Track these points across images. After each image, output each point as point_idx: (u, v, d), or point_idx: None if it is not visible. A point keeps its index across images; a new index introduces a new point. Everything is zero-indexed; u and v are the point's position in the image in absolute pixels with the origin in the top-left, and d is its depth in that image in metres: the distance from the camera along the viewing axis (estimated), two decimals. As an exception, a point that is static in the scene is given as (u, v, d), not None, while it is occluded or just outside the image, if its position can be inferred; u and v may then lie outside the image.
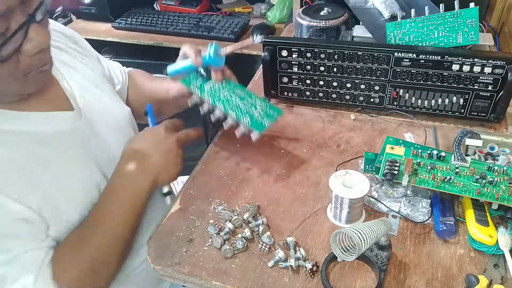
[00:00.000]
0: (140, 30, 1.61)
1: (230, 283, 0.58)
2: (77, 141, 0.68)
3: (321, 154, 0.81)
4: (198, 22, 1.60)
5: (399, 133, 0.85)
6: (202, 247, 0.63)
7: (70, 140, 0.67)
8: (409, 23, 0.84)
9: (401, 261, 0.60)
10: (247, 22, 1.60)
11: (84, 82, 0.75)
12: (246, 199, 0.71)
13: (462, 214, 0.65)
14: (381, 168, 0.68)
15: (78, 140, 0.68)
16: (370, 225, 0.57)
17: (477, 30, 0.82)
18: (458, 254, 0.61)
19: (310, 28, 1.00)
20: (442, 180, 0.65)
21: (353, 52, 0.84)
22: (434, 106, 0.85)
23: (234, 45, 0.79)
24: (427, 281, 0.58)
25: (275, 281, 0.58)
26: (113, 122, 0.78)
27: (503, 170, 0.65)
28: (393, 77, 0.84)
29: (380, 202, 0.68)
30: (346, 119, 0.90)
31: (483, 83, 0.80)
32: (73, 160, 0.66)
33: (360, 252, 0.56)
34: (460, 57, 0.78)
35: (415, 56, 0.80)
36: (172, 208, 0.70)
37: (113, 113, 0.79)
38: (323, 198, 0.71)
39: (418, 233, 0.64)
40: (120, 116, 0.81)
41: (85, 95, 0.72)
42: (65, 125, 0.66)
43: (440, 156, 0.68)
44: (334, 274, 0.59)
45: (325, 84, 0.90)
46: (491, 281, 0.56)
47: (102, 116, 0.74)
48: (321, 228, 0.66)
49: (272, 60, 0.89)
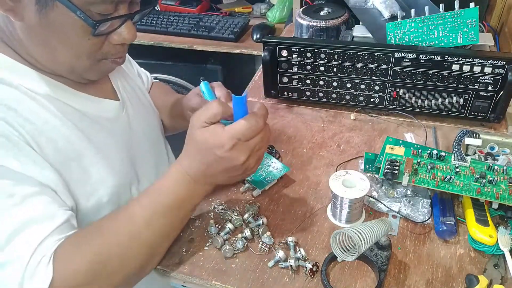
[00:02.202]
0: (140, 30, 1.61)
1: (230, 283, 0.58)
2: (118, 130, 0.72)
3: (321, 154, 0.81)
4: (198, 22, 1.60)
5: (399, 133, 0.85)
6: (202, 247, 0.63)
7: (112, 126, 0.71)
8: (409, 23, 0.84)
9: (401, 261, 0.60)
10: (247, 22, 1.60)
11: (123, 79, 0.79)
12: (246, 199, 0.71)
13: (462, 214, 0.65)
14: (381, 168, 0.68)
15: (118, 128, 0.72)
16: (370, 225, 0.57)
17: (477, 30, 0.82)
18: (458, 254, 0.61)
19: (310, 28, 1.00)
20: (442, 180, 0.65)
21: (353, 52, 0.84)
22: (434, 106, 0.85)
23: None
24: (427, 281, 0.58)
25: (275, 281, 0.58)
26: (146, 121, 0.82)
27: (503, 170, 0.65)
28: (393, 77, 0.84)
29: (380, 202, 0.68)
30: (346, 119, 0.90)
31: (483, 83, 0.80)
32: (112, 146, 0.69)
33: (360, 252, 0.56)
34: (460, 57, 0.78)
35: (415, 56, 0.80)
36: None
37: (146, 113, 0.83)
38: (323, 198, 0.71)
39: (418, 233, 0.64)
40: (151, 117, 0.85)
41: (125, 91, 0.78)
42: (110, 112, 0.72)
43: (440, 156, 0.68)
44: (334, 274, 0.59)
45: (325, 84, 0.90)
46: (491, 281, 0.56)
47: (137, 114, 0.78)
48: (321, 228, 0.66)
49: (272, 60, 0.89)
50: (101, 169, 0.66)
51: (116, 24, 0.59)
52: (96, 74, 0.66)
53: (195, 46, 1.52)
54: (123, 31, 0.60)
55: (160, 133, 0.89)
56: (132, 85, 0.82)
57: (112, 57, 0.63)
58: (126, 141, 0.73)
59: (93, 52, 0.60)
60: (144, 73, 0.95)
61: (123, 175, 0.71)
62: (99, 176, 0.66)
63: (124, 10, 0.59)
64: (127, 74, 0.83)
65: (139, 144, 0.77)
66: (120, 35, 0.60)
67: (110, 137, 0.70)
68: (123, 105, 0.75)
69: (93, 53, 0.61)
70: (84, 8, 0.54)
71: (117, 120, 0.73)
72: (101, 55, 0.62)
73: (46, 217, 0.54)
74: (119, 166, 0.70)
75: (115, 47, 0.62)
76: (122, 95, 0.76)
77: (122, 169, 0.71)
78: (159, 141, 0.88)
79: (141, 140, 0.78)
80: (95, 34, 0.57)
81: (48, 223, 0.54)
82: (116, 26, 0.59)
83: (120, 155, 0.71)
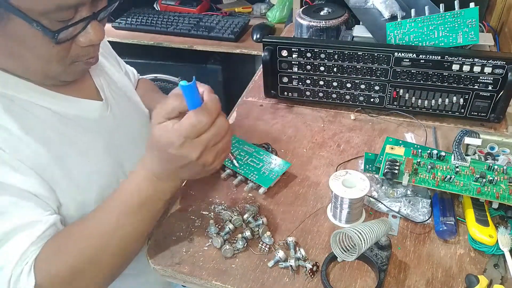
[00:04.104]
0: (140, 30, 1.61)
1: (230, 283, 0.58)
2: (103, 130, 0.71)
3: (321, 154, 0.81)
4: (198, 22, 1.60)
5: (399, 133, 0.85)
6: (202, 247, 0.63)
7: (97, 127, 0.70)
8: (409, 23, 0.84)
9: (401, 261, 0.60)
10: (247, 22, 1.60)
11: (108, 78, 0.78)
12: (246, 199, 0.71)
13: (462, 214, 0.65)
14: (381, 168, 0.68)
15: (103, 129, 0.71)
16: (370, 225, 0.57)
17: (477, 30, 0.82)
18: (458, 254, 0.61)
19: (310, 28, 1.00)
20: (442, 180, 0.65)
21: (353, 52, 0.84)
22: (434, 106, 0.85)
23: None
24: (427, 281, 0.58)
25: (275, 281, 0.58)
26: (135, 121, 0.81)
27: (503, 170, 0.65)
28: (393, 77, 0.84)
29: (380, 202, 0.68)
30: (346, 119, 0.90)
31: (483, 83, 0.80)
32: (96, 147, 0.69)
33: (360, 252, 0.56)
34: (460, 57, 0.78)
35: (415, 56, 0.80)
36: (172, 208, 0.70)
37: (134, 112, 0.82)
38: (323, 198, 0.71)
39: (418, 233, 0.64)
40: (140, 116, 0.84)
41: (110, 90, 0.76)
42: (93, 113, 0.70)
43: (440, 155, 0.68)
44: (334, 274, 0.59)
45: (325, 84, 0.90)
46: (491, 281, 0.56)
47: (124, 113, 0.77)
48: (321, 228, 0.66)
49: (272, 60, 0.89)
50: (85, 170, 0.65)
51: (80, 27, 0.57)
52: (71, 76, 0.64)
53: (195, 46, 1.52)
54: (89, 33, 0.58)
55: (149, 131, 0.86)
56: (119, 84, 0.81)
57: (83, 59, 0.62)
58: (112, 142, 0.72)
59: (62, 57, 0.59)
60: (130, 70, 0.94)
61: (109, 176, 0.70)
62: (83, 178, 0.65)
63: (86, 11, 0.56)
64: (113, 73, 0.81)
65: (127, 144, 0.75)
66: (87, 37, 0.58)
67: (94, 138, 0.68)
68: (107, 105, 0.73)
69: (62, 58, 0.59)
70: (42, 18, 0.52)
71: (102, 120, 0.71)
72: (71, 58, 0.60)
73: (29, 225, 0.55)
74: (105, 167, 0.69)
75: (84, 49, 0.60)
76: (106, 95, 0.74)
77: (108, 170, 0.70)
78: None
79: (129, 140, 0.77)
80: (57, 42, 0.55)
81: (32, 231, 0.55)
82: (80, 29, 0.57)
83: (106, 156, 0.70)
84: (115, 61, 0.87)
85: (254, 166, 0.75)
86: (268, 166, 0.75)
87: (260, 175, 0.73)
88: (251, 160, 0.76)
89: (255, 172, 0.73)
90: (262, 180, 0.72)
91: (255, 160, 0.76)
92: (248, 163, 0.75)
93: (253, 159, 0.76)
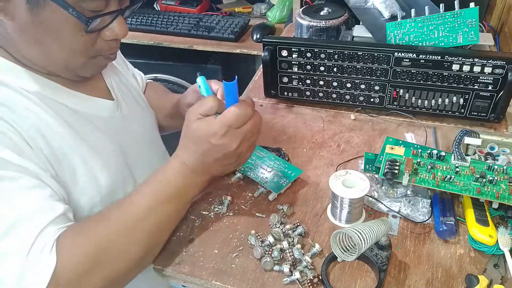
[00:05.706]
0: (140, 30, 1.61)
1: (230, 283, 0.58)
2: (112, 129, 0.72)
3: (321, 154, 0.81)
4: (198, 22, 1.60)
5: (399, 133, 0.85)
6: (202, 247, 0.63)
7: (107, 126, 0.71)
8: (409, 23, 0.84)
9: (401, 261, 0.60)
10: (247, 22, 1.60)
11: (117, 79, 0.80)
12: (246, 199, 0.71)
13: (462, 214, 0.65)
14: (381, 168, 0.68)
15: (112, 128, 0.72)
16: (370, 225, 0.57)
17: (477, 30, 0.82)
18: (458, 254, 0.61)
19: (310, 28, 1.00)
20: (442, 180, 0.65)
21: (353, 52, 0.84)
22: (434, 106, 0.85)
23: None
24: (427, 281, 0.58)
25: (275, 281, 0.58)
26: (142, 122, 0.82)
27: (503, 170, 0.65)
28: (393, 77, 0.84)
29: (380, 202, 0.68)
30: (346, 119, 0.90)
31: (483, 83, 0.80)
32: (105, 145, 0.69)
33: (360, 252, 0.56)
34: (460, 57, 0.78)
35: (415, 56, 0.80)
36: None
37: (141, 113, 0.83)
38: (323, 198, 0.71)
39: (418, 233, 0.64)
40: (147, 117, 0.85)
41: (120, 91, 0.78)
42: (105, 111, 0.72)
43: (440, 155, 0.68)
44: (334, 274, 0.59)
45: (325, 84, 0.90)
46: (491, 281, 0.56)
47: (132, 114, 0.79)
48: (321, 228, 0.66)
49: (272, 60, 0.89)
50: (93, 167, 0.66)
51: (108, 20, 0.60)
52: (91, 70, 0.66)
53: (195, 46, 1.52)
54: (115, 27, 0.61)
55: (156, 133, 0.89)
56: (127, 86, 0.82)
57: (105, 53, 0.64)
58: (120, 141, 0.73)
59: (87, 49, 0.61)
60: (138, 74, 0.96)
61: (117, 174, 0.70)
62: (92, 175, 0.66)
63: (114, 6, 0.60)
64: (122, 75, 0.83)
65: (134, 144, 0.77)
66: (113, 31, 0.61)
67: (104, 136, 0.70)
68: (117, 105, 0.75)
69: (87, 49, 0.61)
70: (76, 5, 0.55)
71: (112, 120, 0.73)
72: (94, 51, 0.62)
73: (46, 208, 0.55)
74: (113, 166, 0.70)
75: (108, 43, 0.63)
76: (116, 95, 0.76)
77: (116, 168, 0.71)
78: (155, 140, 0.88)
79: (137, 140, 0.78)
80: (88, 30, 0.58)
81: (48, 214, 0.54)
82: (108, 22, 0.60)
83: (114, 155, 0.71)
84: (124, 62, 0.89)
85: (266, 171, 0.74)
86: (280, 172, 0.74)
87: (272, 181, 0.72)
88: (262, 166, 0.75)
89: (266, 177, 0.73)
90: (273, 186, 0.71)
91: (266, 166, 0.75)
92: (260, 168, 0.75)
93: (265, 164, 0.75)
